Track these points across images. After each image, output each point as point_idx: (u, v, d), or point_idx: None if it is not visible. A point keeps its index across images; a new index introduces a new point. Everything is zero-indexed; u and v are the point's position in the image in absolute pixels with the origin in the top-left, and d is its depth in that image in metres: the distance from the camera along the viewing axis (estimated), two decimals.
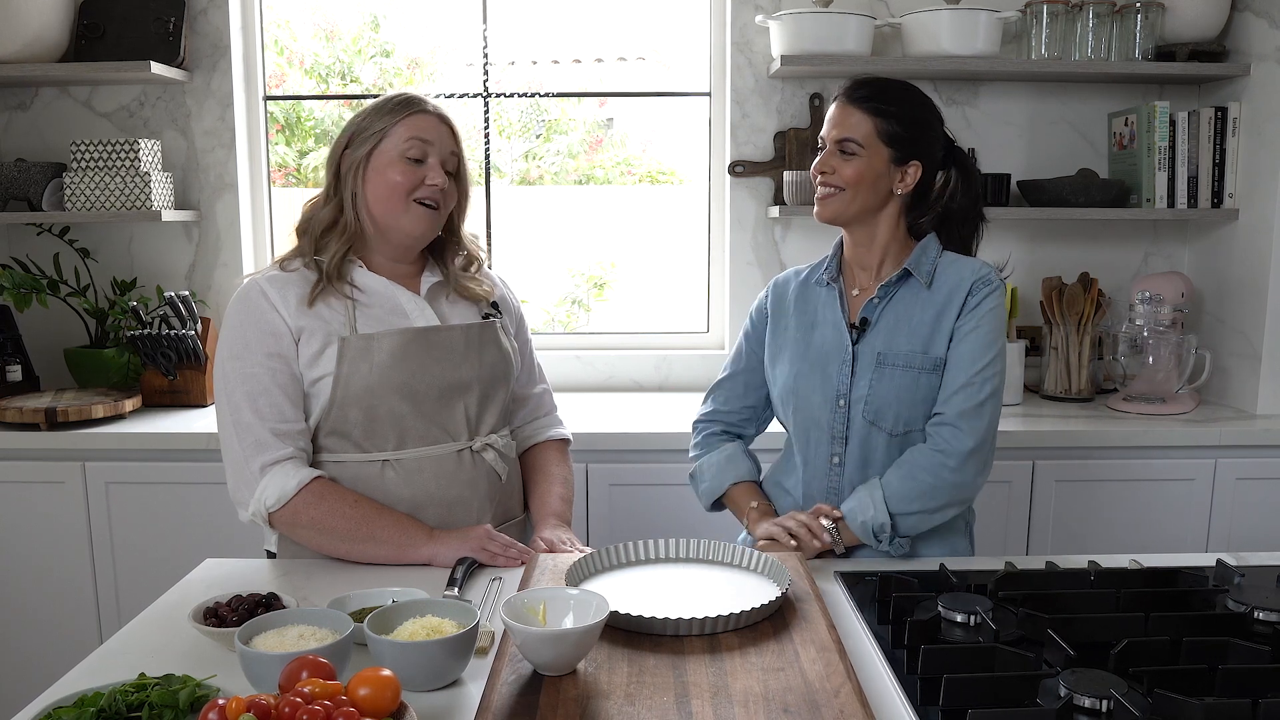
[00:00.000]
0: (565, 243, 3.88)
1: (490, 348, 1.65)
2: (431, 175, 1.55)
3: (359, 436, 1.55)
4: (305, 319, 1.53)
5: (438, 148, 1.57)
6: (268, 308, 1.52)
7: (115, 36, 2.71)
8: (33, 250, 2.82)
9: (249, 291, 1.55)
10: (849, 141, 1.60)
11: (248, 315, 1.53)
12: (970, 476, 1.57)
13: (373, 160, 1.55)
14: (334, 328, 1.53)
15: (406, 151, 1.54)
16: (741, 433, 1.85)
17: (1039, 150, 2.87)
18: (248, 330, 1.52)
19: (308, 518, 1.49)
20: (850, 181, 1.60)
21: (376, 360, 1.52)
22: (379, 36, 4.45)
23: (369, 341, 1.53)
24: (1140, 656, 1.14)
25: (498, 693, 1.09)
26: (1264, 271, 2.56)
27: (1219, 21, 2.65)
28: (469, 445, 1.61)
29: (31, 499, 2.42)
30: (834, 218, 1.64)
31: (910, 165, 1.62)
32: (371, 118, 1.57)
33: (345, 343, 1.52)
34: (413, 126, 1.55)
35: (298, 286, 1.55)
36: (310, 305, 1.53)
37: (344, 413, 1.53)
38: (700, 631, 1.23)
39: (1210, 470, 2.43)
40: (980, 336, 1.58)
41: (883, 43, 2.80)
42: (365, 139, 1.55)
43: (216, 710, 0.91)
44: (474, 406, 1.61)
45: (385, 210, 1.56)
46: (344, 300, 1.55)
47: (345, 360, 1.52)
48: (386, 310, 1.57)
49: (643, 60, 3.82)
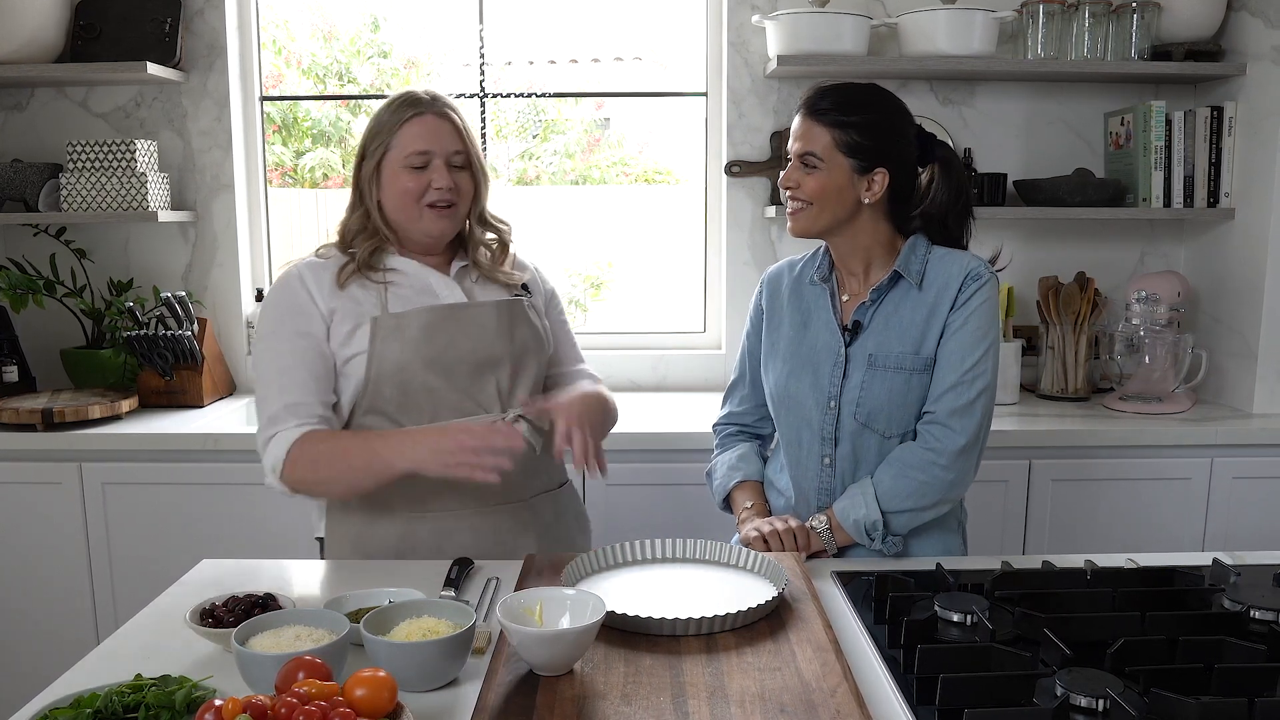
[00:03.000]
0: (562, 243, 3.88)
1: (521, 324, 1.68)
2: (436, 179, 1.58)
3: (394, 412, 1.60)
4: (337, 300, 1.59)
5: (439, 149, 1.59)
6: (300, 289, 1.60)
7: (111, 37, 2.71)
8: (29, 251, 2.82)
9: (287, 276, 1.63)
10: (809, 155, 1.58)
11: (281, 297, 1.61)
12: (961, 474, 1.58)
13: (383, 171, 1.61)
14: (366, 308, 1.59)
15: (409, 161, 1.58)
16: (759, 432, 1.85)
17: (1035, 150, 2.87)
18: (280, 310, 1.60)
19: (307, 469, 1.51)
20: (814, 195, 1.58)
21: (408, 336, 1.58)
22: (377, 37, 4.45)
23: (400, 319, 1.58)
24: (1136, 656, 1.14)
25: (494, 693, 1.09)
26: (1260, 271, 2.57)
27: (1215, 21, 2.66)
28: (501, 417, 1.63)
29: (28, 500, 2.41)
30: (804, 232, 1.63)
31: (876, 173, 1.58)
32: (378, 124, 1.62)
33: (377, 322, 1.58)
34: (412, 135, 1.58)
35: (331, 270, 1.62)
36: (341, 287, 1.59)
37: (379, 389, 1.59)
38: (697, 631, 1.23)
39: (1206, 469, 2.44)
40: (970, 332, 1.57)
41: (879, 43, 2.80)
42: (375, 149, 1.61)
43: (213, 711, 0.91)
44: (505, 380, 1.65)
45: (403, 216, 1.62)
46: (376, 284, 1.62)
47: (378, 339, 1.57)
48: (417, 290, 1.63)
49: (639, 60, 3.82)
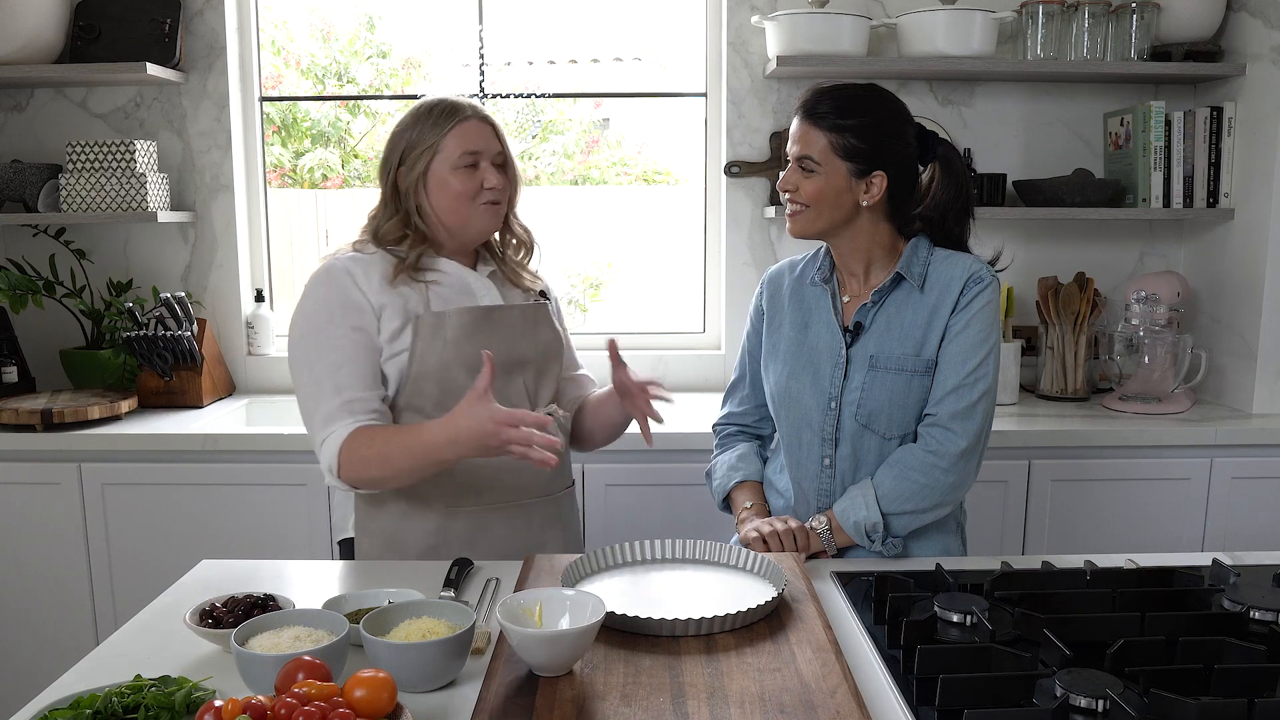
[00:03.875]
0: (561, 243, 3.87)
1: (544, 327, 1.74)
2: (489, 178, 1.64)
3: (431, 409, 1.62)
4: (386, 296, 1.61)
5: (487, 150, 1.65)
6: (351, 284, 1.61)
7: (111, 38, 2.71)
8: (28, 251, 2.82)
9: (333, 269, 1.62)
10: (807, 159, 1.58)
11: (333, 290, 1.60)
12: (962, 477, 1.58)
13: (431, 174, 1.63)
14: (411, 306, 1.62)
15: (460, 162, 1.62)
16: (759, 433, 1.86)
17: (1035, 150, 2.88)
18: (333, 304, 1.60)
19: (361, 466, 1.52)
20: (812, 198, 1.59)
21: (449, 337, 1.61)
22: (375, 37, 4.44)
23: (441, 319, 1.62)
24: (1136, 656, 1.14)
25: (494, 694, 1.09)
26: (1259, 271, 2.57)
27: (1214, 21, 2.66)
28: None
29: (27, 500, 2.41)
30: (802, 234, 1.64)
31: (874, 176, 1.58)
32: (419, 132, 1.64)
33: (420, 320, 1.61)
34: (461, 138, 1.63)
35: (379, 266, 1.63)
36: (391, 284, 1.62)
37: (419, 386, 1.62)
38: (696, 632, 1.23)
39: (1206, 469, 2.44)
40: (971, 335, 1.58)
41: (878, 43, 2.80)
42: (418, 156, 1.63)
43: (212, 712, 0.92)
44: (532, 381, 1.71)
45: (455, 217, 1.65)
46: (419, 284, 1.64)
47: (420, 337, 1.61)
48: (456, 290, 1.67)
49: (639, 60, 3.81)
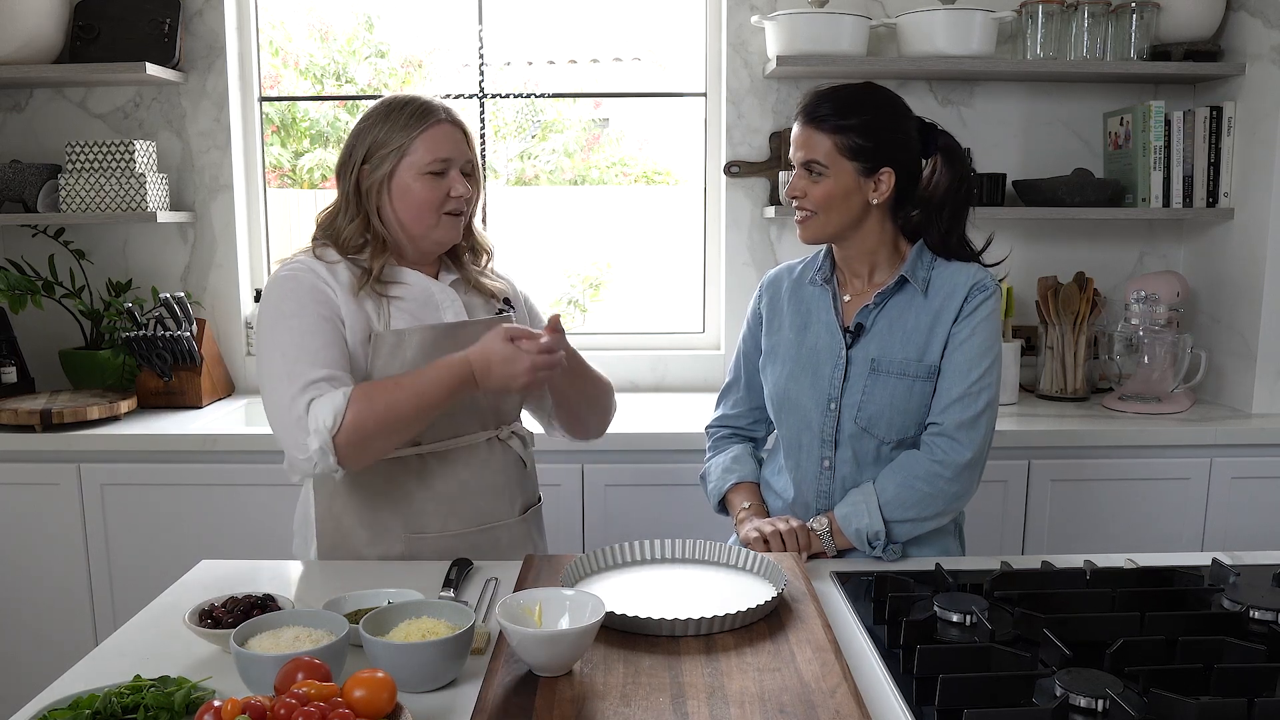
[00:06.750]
0: (561, 243, 3.88)
1: None
2: (455, 187, 1.58)
3: None
4: (350, 306, 1.55)
5: (456, 158, 1.59)
6: (320, 282, 1.54)
7: (110, 38, 2.71)
8: (28, 252, 2.81)
9: (298, 270, 1.55)
10: (813, 163, 1.57)
11: (300, 284, 1.53)
12: (966, 486, 1.58)
13: (396, 178, 1.57)
14: (371, 321, 1.56)
15: (429, 169, 1.56)
16: (752, 435, 1.85)
17: (1034, 150, 2.87)
18: (301, 295, 1.52)
19: (372, 419, 1.45)
20: (821, 202, 1.58)
21: (409, 356, 1.55)
22: (374, 37, 4.44)
23: (400, 337, 1.55)
24: (1136, 656, 1.14)
25: (493, 693, 1.09)
26: (1259, 270, 2.57)
27: (1214, 21, 2.66)
28: (495, 434, 1.66)
29: (26, 501, 2.41)
30: (815, 239, 1.63)
31: (882, 173, 1.57)
32: (387, 131, 1.56)
33: (379, 338, 1.55)
34: (432, 144, 1.56)
35: (343, 275, 1.57)
36: (354, 296, 1.55)
37: None
38: (696, 632, 1.23)
39: (1206, 469, 2.44)
40: (976, 344, 1.57)
41: (878, 43, 2.80)
42: (385, 157, 1.56)
43: (212, 712, 0.91)
44: (492, 396, 1.63)
45: (417, 224, 1.58)
46: (381, 298, 1.58)
47: (380, 355, 1.55)
48: (419, 304, 1.60)
49: (638, 60, 3.82)
